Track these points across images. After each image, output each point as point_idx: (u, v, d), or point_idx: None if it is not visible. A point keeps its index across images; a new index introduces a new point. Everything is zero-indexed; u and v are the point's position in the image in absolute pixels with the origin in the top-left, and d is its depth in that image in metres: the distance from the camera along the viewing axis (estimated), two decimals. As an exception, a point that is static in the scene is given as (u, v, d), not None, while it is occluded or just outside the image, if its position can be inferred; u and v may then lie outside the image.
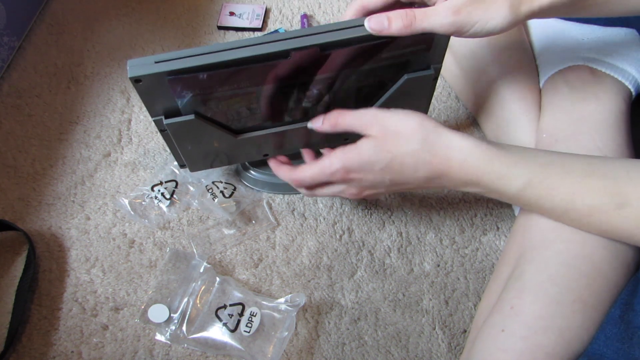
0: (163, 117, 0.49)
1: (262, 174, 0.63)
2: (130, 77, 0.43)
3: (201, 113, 0.49)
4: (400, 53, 0.48)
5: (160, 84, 0.45)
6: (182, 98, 0.47)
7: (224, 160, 0.58)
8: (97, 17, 0.84)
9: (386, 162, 0.45)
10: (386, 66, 0.49)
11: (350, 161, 0.46)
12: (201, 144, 0.54)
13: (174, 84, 0.45)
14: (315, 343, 0.55)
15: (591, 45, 0.60)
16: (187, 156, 0.55)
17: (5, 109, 0.72)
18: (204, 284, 0.57)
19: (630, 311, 0.40)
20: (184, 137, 0.52)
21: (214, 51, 0.43)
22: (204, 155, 0.56)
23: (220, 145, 0.54)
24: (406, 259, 0.60)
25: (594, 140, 0.52)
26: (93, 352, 0.54)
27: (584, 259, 0.44)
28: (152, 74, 0.43)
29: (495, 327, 0.44)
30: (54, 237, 0.62)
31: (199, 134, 0.52)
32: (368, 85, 0.51)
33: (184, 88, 0.46)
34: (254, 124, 0.53)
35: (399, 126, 0.44)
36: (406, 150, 0.44)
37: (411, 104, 0.55)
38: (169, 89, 0.45)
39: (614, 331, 0.40)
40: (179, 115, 0.49)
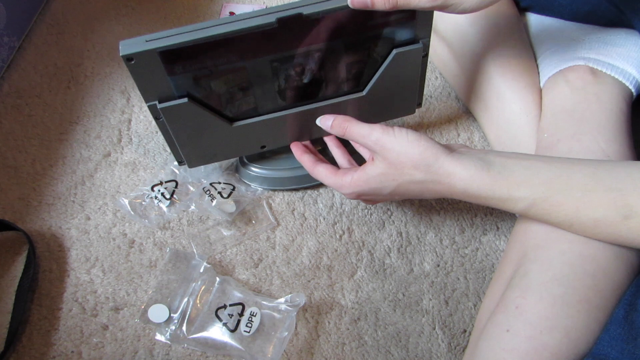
0: (157, 101, 0.50)
1: (261, 168, 0.63)
2: (122, 55, 0.44)
3: (194, 96, 0.50)
4: (384, 21, 0.49)
5: (152, 63, 0.46)
6: (174, 76, 0.48)
7: (222, 154, 0.59)
8: (97, 17, 0.84)
9: (392, 188, 0.48)
10: (373, 38, 0.51)
11: (360, 188, 0.50)
12: (197, 134, 0.54)
13: (165, 59, 0.46)
14: (315, 343, 0.55)
15: (592, 45, 0.60)
16: (184, 149, 0.55)
17: (5, 109, 0.72)
18: (204, 284, 0.57)
19: (634, 312, 0.40)
20: (179, 124, 0.52)
21: (203, 27, 0.45)
22: (201, 149, 0.56)
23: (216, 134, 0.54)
24: (406, 259, 0.60)
25: (597, 140, 0.52)
26: (93, 352, 0.54)
27: (588, 259, 0.44)
28: (143, 51, 0.45)
29: (499, 326, 0.44)
30: (54, 237, 0.62)
31: (193, 120, 0.52)
32: (358, 62, 0.52)
33: (175, 64, 0.47)
34: (248, 108, 0.53)
35: (400, 157, 0.46)
36: (410, 180, 0.47)
37: (403, 86, 0.56)
38: (161, 68, 0.46)
39: (618, 331, 0.39)
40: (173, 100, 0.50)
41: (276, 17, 0.45)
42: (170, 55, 0.46)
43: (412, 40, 0.52)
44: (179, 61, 0.47)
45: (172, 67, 0.47)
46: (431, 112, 0.72)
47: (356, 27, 0.49)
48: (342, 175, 0.51)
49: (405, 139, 0.47)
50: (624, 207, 0.40)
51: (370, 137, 0.48)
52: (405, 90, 0.57)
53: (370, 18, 0.49)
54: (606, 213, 0.41)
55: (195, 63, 0.47)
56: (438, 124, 0.71)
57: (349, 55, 0.52)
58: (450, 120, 0.71)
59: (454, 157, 0.45)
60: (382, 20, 0.49)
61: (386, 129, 0.48)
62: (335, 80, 0.54)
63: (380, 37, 0.51)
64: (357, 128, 0.49)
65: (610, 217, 0.41)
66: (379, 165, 0.48)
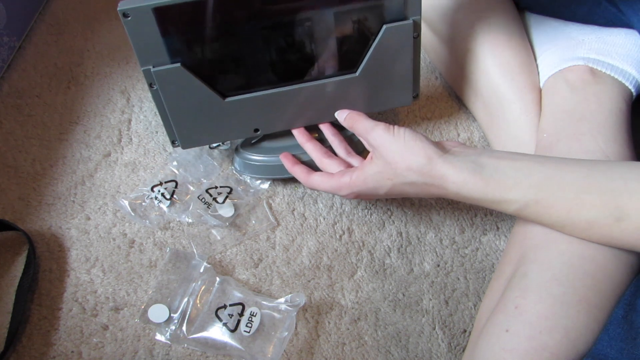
0: (152, 67, 0.52)
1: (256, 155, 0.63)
2: (119, 9, 0.47)
3: (188, 64, 0.52)
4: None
5: (147, 21, 0.48)
6: (168, 37, 0.50)
7: (215, 135, 0.59)
8: (97, 17, 0.84)
9: (388, 187, 0.49)
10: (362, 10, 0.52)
11: (358, 188, 0.51)
12: (190, 107, 0.55)
13: (159, 17, 0.48)
14: (315, 343, 0.55)
15: (591, 45, 0.60)
16: (177, 125, 0.57)
17: (5, 109, 0.72)
18: (204, 284, 0.57)
19: (633, 312, 0.40)
20: (172, 94, 0.54)
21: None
22: (194, 126, 0.57)
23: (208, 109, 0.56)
24: (406, 259, 0.60)
25: (596, 140, 0.52)
26: (93, 352, 0.54)
27: (588, 259, 0.44)
28: (139, 7, 0.47)
29: (499, 326, 0.44)
30: (54, 237, 0.62)
31: (186, 91, 0.54)
32: (349, 38, 0.54)
33: (169, 23, 0.49)
34: (241, 83, 0.55)
35: (396, 157, 0.48)
36: (404, 181, 0.48)
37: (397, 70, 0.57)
38: (155, 27, 0.49)
39: (618, 331, 0.40)
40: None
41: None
42: (164, 13, 0.48)
43: (402, 19, 0.54)
44: (172, 20, 0.49)
45: (165, 26, 0.49)
46: (431, 112, 0.72)
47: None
48: (339, 177, 0.52)
49: (402, 139, 0.48)
50: (616, 209, 0.40)
51: (372, 133, 0.50)
52: (399, 74, 0.58)
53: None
54: (598, 215, 0.41)
55: (187, 23, 0.49)
56: (438, 124, 0.71)
57: (339, 29, 0.53)
58: (450, 120, 0.71)
59: (446, 160, 0.46)
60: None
61: (388, 127, 0.49)
62: (327, 56, 0.55)
63: (369, 10, 0.52)
64: (364, 122, 0.52)
65: (603, 219, 0.41)
66: (376, 163, 0.49)
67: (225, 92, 0.55)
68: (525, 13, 0.69)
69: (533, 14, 0.68)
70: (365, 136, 0.51)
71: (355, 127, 0.53)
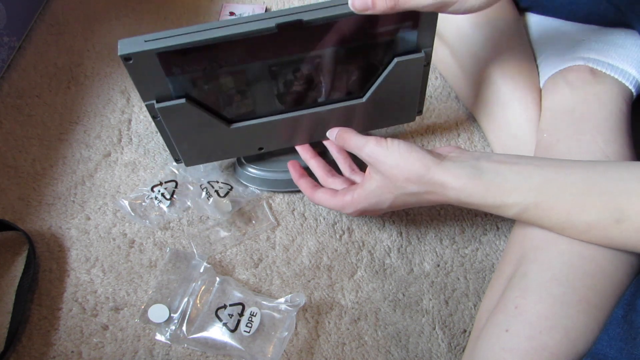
0: (155, 101, 0.50)
1: (258, 169, 0.63)
2: (120, 54, 0.44)
3: (193, 97, 0.50)
4: (386, 30, 0.49)
5: (150, 63, 0.46)
6: (172, 77, 0.48)
7: (219, 154, 0.58)
8: (97, 17, 0.84)
9: (390, 201, 0.49)
10: (374, 45, 0.50)
11: (361, 205, 0.51)
12: (194, 134, 0.54)
13: (163, 60, 0.46)
14: (315, 343, 0.55)
15: (591, 46, 0.60)
16: (181, 148, 0.55)
17: (5, 109, 0.72)
18: (204, 284, 0.57)
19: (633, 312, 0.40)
20: (176, 124, 0.52)
21: (202, 29, 0.45)
22: (198, 148, 0.56)
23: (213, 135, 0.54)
24: (406, 259, 0.60)
25: (596, 140, 0.52)
26: (93, 352, 0.54)
27: (587, 259, 0.44)
28: (141, 51, 0.44)
29: (498, 326, 0.44)
30: (54, 237, 0.62)
31: (191, 121, 0.52)
32: (358, 69, 0.52)
33: (174, 65, 0.47)
34: (247, 110, 0.53)
35: (393, 170, 0.47)
36: (404, 192, 0.48)
37: (404, 94, 0.56)
38: (159, 68, 0.46)
39: (617, 331, 0.40)
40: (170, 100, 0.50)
41: (276, 23, 0.45)
42: (168, 57, 0.46)
43: (414, 49, 0.52)
44: (177, 63, 0.47)
45: (170, 68, 0.47)
46: (431, 112, 0.72)
47: (357, 35, 0.48)
48: (342, 196, 0.52)
49: (397, 152, 0.47)
50: (615, 210, 0.40)
51: (364, 150, 0.49)
52: (406, 98, 0.57)
53: (372, 26, 0.48)
54: (598, 216, 0.41)
55: (193, 65, 0.47)
56: (438, 124, 0.71)
57: (349, 62, 0.51)
58: (450, 120, 0.71)
59: (444, 167, 0.46)
60: (384, 29, 0.49)
61: (380, 140, 0.48)
62: (334, 86, 0.54)
63: (382, 45, 0.50)
64: (354, 140, 0.51)
65: (603, 220, 0.41)
66: (375, 178, 0.49)
67: (230, 119, 0.54)
68: (525, 13, 0.69)
69: (533, 14, 0.68)
70: (359, 153, 0.50)
71: (347, 145, 0.52)
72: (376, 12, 0.45)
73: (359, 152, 0.50)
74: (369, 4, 0.45)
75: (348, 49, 0.50)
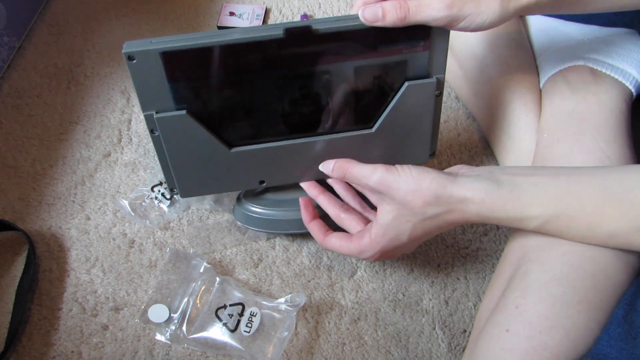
0: (154, 112, 0.48)
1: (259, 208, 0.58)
2: (124, 52, 0.44)
3: (194, 111, 0.48)
4: (397, 47, 0.47)
5: (153, 64, 0.45)
6: (175, 83, 0.46)
7: (217, 185, 0.55)
8: (97, 17, 0.84)
9: (409, 231, 0.46)
10: (384, 65, 0.48)
11: (381, 245, 0.47)
12: (193, 155, 0.51)
13: (167, 61, 0.45)
14: (315, 343, 0.55)
15: (592, 46, 0.60)
16: (178, 173, 0.53)
17: (5, 109, 0.72)
18: (204, 284, 0.57)
19: (633, 312, 0.40)
20: (174, 141, 0.50)
21: (210, 35, 0.44)
22: (196, 175, 0.53)
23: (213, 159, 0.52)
24: (406, 259, 0.60)
25: (596, 140, 0.52)
26: (93, 352, 0.54)
27: (588, 260, 0.44)
28: (146, 50, 0.44)
29: (499, 326, 0.44)
30: (54, 237, 0.62)
31: (190, 139, 0.50)
32: (368, 93, 0.50)
33: (177, 68, 0.45)
34: (249, 133, 0.51)
35: (408, 196, 0.44)
36: (424, 217, 0.45)
37: (415, 128, 0.53)
38: (162, 71, 0.45)
39: (618, 331, 0.39)
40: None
41: (284, 28, 0.44)
42: (172, 58, 0.44)
43: (425, 75, 0.50)
44: (180, 66, 0.45)
45: (173, 71, 0.45)
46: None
47: (367, 50, 0.47)
48: (359, 240, 0.48)
49: (410, 176, 0.45)
50: (635, 218, 0.40)
51: (372, 178, 0.45)
52: (417, 132, 0.54)
53: (383, 41, 0.46)
54: (619, 226, 0.41)
55: (197, 70, 0.46)
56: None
57: (358, 83, 0.49)
58: (450, 120, 0.71)
59: (461, 183, 0.44)
60: (395, 46, 0.47)
61: (389, 167, 0.46)
62: (342, 110, 0.51)
63: (392, 65, 0.48)
64: (358, 168, 0.47)
65: (623, 229, 0.41)
66: (388, 210, 0.46)
67: (231, 141, 0.51)
68: (525, 13, 0.69)
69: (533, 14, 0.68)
70: (365, 182, 0.46)
71: (349, 175, 0.48)
72: (386, 24, 0.43)
73: (366, 181, 0.46)
74: (379, 16, 0.43)
75: (357, 67, 0.48)
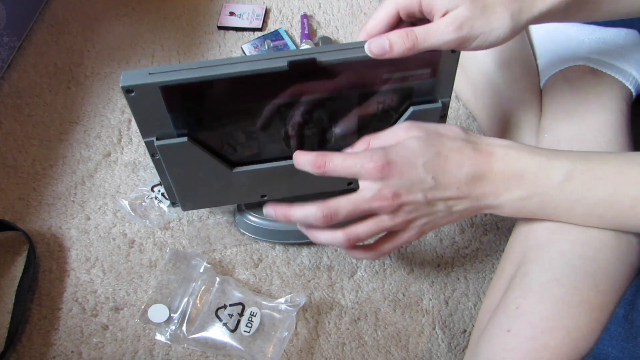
0: (155, 138, 0.47)
1: (260, 218, 0.59)
2: (122, 86, 0.42)
3: (195, 137, 0.47)
4: (403, 76, 0.46)
5: (153, 97, 0.43)
6: (175, 113, 0.45)
7: (219, 200, 0.55)
8: (97, 17, 0.84)
9: (429, 156, 0.42)
10: (389, 92, 0.47)
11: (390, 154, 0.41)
12: (194, 176, 0.51)
13: (167, 95, 0.43)
14: (315, 343, 0.55)
15: (592, 46, 0.60)
16: (179, 191, 0.53)
17: (5, 109, 0.72)
18: (204, 284, 0.57)
19: (633, 311, 0.40)
20: (176, 165, 0.49)
21: (210, 65, 0.42)
22: (197, 192, 0.53)
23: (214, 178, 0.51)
24: (406, 259, 0.60)
25: (597, 140, 0.52)
26: (93, 352, 0.54)
27: (589, 260, 0.44)
28: (144, 84, 0.42)
29: (500, 327, 0.44)
30: (54, 237, 0.62)
31: (192, 162, 0.49)
32: (372, 117, 0.49)
33: (177, 101, 0.44)
34: (251, 154, 0.50)
35: (439, 128, 0.43)
36: (451, 146, 0.42)
37: None
38: (162, 103, 0.44)
39: (619, 330, 0.40)
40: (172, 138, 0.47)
41: (288, 60, 0.42)
42: (172, 91, 0.43)
43: (431, 100, 0.49)
44: (181, 98, 0.44)
45: (173, 104, 0.44)
46: (431, 112, 0.72)
47: (372, 80, 0.46)
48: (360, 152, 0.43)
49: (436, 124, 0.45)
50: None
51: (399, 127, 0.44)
52: None
53: (389, 70, 0.45)
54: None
55: (198, 102, 0.44)
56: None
57: (362, 108, 0.48)
58: (450, 120, 0.71)
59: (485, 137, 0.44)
60: (401, 75, 0.46)
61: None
62: (346, 132, 0.50)
63: (397, 92, 0.48)
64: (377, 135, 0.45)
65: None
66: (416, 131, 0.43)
67: (233, 162, 0.51)
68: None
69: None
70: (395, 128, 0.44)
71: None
72: (394, 55, 0.41)
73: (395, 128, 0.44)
74: (387, 48, 0.41)
75: (362, 94, 0.47)
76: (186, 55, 0.78)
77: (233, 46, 0.79)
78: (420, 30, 0.41)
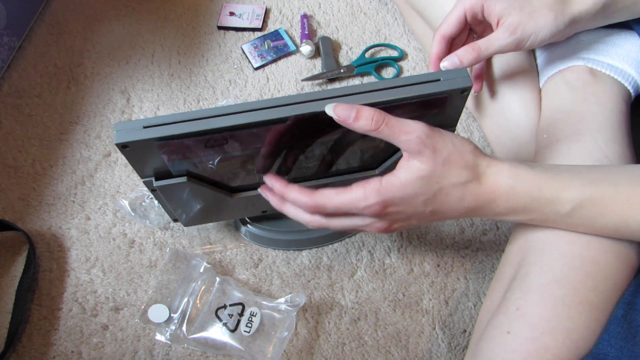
0: (153, 178, 0.46)
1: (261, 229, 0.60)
2: (116, 143, 0.40)
3: (194, 174, 0.46)
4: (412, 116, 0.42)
5: (149, 149, 0.42)
6: (173, 162, 0.44)
7: (220, 217, 0.56)
8: (97, 17, 0.84)
9: (431, 194, 0.41)
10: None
11: (390, 194, 0.40)
12: (195, 204, 0.51)
13: (164, 149, 0.42)
14: (315, 343, 0.55)
15: (591, 46, 0.60)
16: (180, 213, 0.52)
17: (5, 109, 0.72)
18: (204, 284, 0.57)
19: (633, 311, 0.40)
20: (175, 197, 0.49)
21: (207, 116, 0.40)
22: (198, 214, 0.53)
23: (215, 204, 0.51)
24: (406, 259, 0.60)
25: (596, 140, 0.52)
26: (93, 352, 0.54)
27: (588, 260, 0.44)
28: (140, 140, 0.40)
29: (500, 328, 0.44)
30: (54, 237, 0.62)
31: (191, 194, 0.49)
32: (374, 148, 0.48)
33: (175, 153, 0.43)
34: (251, 182, 0.50)
35: (452, 156, 0.41)
36: (455, 182, 0.41)
37: None
38: (158, 153, 0.42)
39: (618, 330, 0.40)
40: (169, 176, 0.46)
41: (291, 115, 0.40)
42: (169, 143, 0.41)
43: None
44: (178, 150, 0.42)
45: (170, 154, 0.43)
46: (431, 113, 0.72)
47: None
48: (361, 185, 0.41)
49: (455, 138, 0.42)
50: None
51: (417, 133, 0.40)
52: None
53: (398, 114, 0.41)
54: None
55: (195, 152, 0.43)
56: (438, 124, 0.71)
57: (364, 142, 0.47)
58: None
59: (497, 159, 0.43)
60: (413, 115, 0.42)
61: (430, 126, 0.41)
62: (347, 162, 0.50)
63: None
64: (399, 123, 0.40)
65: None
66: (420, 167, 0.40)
67: (233, 190, 0.51)
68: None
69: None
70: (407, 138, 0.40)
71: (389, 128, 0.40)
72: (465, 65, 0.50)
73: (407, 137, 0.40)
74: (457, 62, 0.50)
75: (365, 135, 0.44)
76: (186, 55, 0.78)
77: (233, 46, 0.79)
78: (482, 42, 0.49)
